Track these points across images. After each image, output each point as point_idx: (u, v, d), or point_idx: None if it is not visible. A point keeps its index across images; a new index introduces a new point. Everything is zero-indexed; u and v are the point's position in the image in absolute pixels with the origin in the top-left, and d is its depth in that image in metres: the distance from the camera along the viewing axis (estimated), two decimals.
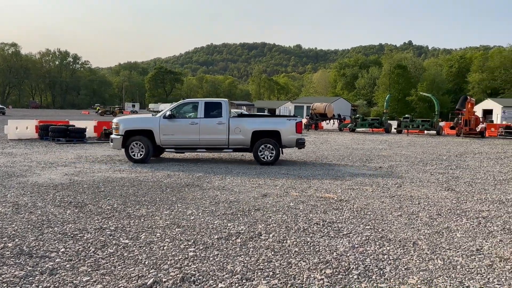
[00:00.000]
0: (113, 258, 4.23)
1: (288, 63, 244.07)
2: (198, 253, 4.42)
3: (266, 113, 47.73)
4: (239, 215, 5.99)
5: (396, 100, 73.51)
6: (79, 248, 4.51)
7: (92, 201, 6.69)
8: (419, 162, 13.02)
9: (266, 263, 4.18)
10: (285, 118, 12.25)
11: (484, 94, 73.55)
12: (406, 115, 34.01)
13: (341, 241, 4.91)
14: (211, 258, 4.29)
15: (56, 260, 4.15)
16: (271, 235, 5.09)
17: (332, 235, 5.17)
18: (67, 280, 3.70)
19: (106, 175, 9.29)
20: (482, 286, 3.74)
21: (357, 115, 35.47)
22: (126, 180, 8.69)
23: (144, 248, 4.55)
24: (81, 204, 6.51)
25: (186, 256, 4.33)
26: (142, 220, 5.63)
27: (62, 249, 4.45)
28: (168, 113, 11.49)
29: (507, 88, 74.92)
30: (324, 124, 36.63)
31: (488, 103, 57.78)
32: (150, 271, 3.92)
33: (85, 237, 4.86)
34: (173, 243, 4.73)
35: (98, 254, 4.33)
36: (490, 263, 4.32)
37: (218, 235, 5.07)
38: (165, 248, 4.57)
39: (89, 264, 4.08)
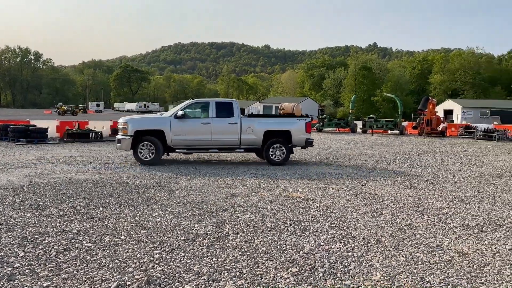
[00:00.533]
0: (75, 262, 4.11)
1: (256, 63, 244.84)
2: (164, 255, 4.36)
3: None
4: (206, 216, 5.96)
5: (362, 101, 75.23)
6: (40, 252, 4.35)
7: (54, 204, 6.46)
8: (383, 161, 13.37)
9: (233, 264, 4.17)
10: (296, 118, 12.37)
11: (445, 95, 76.46)
12: (371, 115, 34.86)
13: (307, 240, 4.98)
14: (177, 260, 4.24)
15: (15, 265, 3.98)
16: (238, 235, 5.08)
17: (298, 233, 5.23)
18: (26, 286, 3.56)
19: (68, 176, 9.00)
20: (442, 281, 3.88)
21: (324, 115, 36.01)
22: (90, 181, 8.46)
23: (108, 251, 4.44)
24: (42, 206, 6.28)
25: (152, 258, 4.26)
26: (106, 223, 5.50)
27: (22, 254, 4.28)
28: (180, 113, 11.20)
29: (466, 89, 78.25)
30: None
31: (448, 104, 60.08)
32: (114, 275, 3.83)
33: (46, 241, 4.69)
34: (138, 245, 4.64)
35: (59, 258, 4.19)
36: (450, 258, 4.49)
37: (185, 236, 5.02)
38: (130, 251, 4.47)
39: (50, 268, 3.94)
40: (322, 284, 3.74)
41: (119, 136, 11.22)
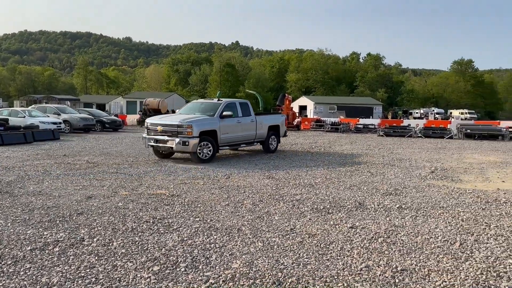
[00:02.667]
0: None
1: (117, 56, 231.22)
2: (5, 269, 3.84)
3: (94, 108, 44.48)
4: (58, 222, 5.43)
5: (227, 97, 77.30)
6: None
7: None
8: (246, 154, 14.00)
9: (88, 270, 3.89)
10: (280, 115, 16.20)
11: (300, 92, 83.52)
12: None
13: (170, 236, 4.92)
14: (21, 273, 3.78)
15: None
16: (95, 239, 4.76)
17: (162, 231, 5.14)
18: None
19: None
20: (294, 262, 4.24)
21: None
22: None
23: None
24: None
25: None
26: None
27: None
28: (224, 113, 12.14)
29: (318, 87, 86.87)
30: None
31: (303, 100, 65.88)
32: None
33: None
34: None
35: None
36: (301, 240, 4.93)
37: (32, 246, 4.50)
38: None
39: None
40: (184, 278, 3.75)
41: (184, 138, 11.06)
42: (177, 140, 11.06)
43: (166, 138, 11.30)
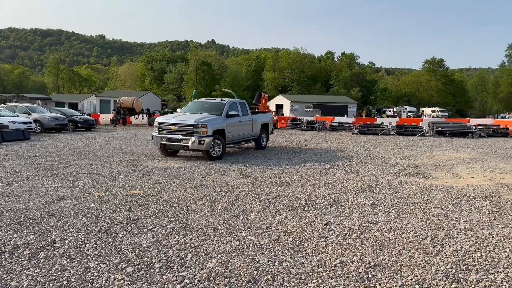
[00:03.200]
0: None
1: (90, 54, 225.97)
2: None
3: (66, 107, 43.48)
4: (28, 224, 5.28)
5: (203, 95, 76.94)
6: None
7: None
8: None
9: (60, 272, 3.80)
10: (268, 113, 17.30)
11: (276, 91, 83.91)
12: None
13: (145, 237, 4.86)
14: None
15: None
16: (67, 241, 4.65)
17: (136, 232, 5.06)
18: None
19: None
20: (270, 259, 4.26)
21: (167, 110, 35.67)
22: None
23: None
24: None
25: None
26: None
27: None
28: (230, 112, 12.88)
29: (294, 86, 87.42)
30: (132, 119, 35.56)
31: (279, 99, 66.18)
32: None
33: None
34: None
35: None
36: (277, 237, 4.96)
37: (0, 249, 4.35)
38: None
39: None
40: (158, 279, 3.71)
41: (199, 137, 11.58)
42: (193, 139, 11.60)
43: (180, 137, 11.77)
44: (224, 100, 13.63)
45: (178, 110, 35.41)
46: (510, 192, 7.79)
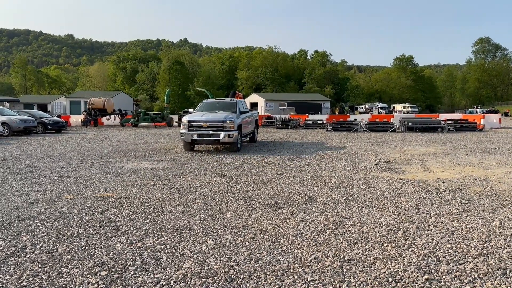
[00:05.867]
0: None
1: (59, 54, 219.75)
2: None
3: (35, 109, 42.26)
4: None
5: (177, 95, 76.27)
6: None
7: None
8: (197, 153, 13.87)
9: (31, 278, 3.70)
10: (256, 111, 19.30)
11: (250, 89, 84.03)
12: (186, 109, 35.73)
13: (119, 240, 4.79)
14: None
15: None
16: (38, 246, 4.53)
17: (109, 235, 4.98)
18: None
19: None
20: (246, 258, 4.27)
21: (140, 110, 35.14)
22: None
23: None
24: None
25: None
26: None
27: None
28: (242, 110, 15.02)
29: (268, 84, 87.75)
30: (104, 120, 34.90)
31: (254, 97, 66.31)
32: None
33: None
34: None
35: None
36: (253, 236, 4.98)
37: None
38: None
39: None
40: (133, 282, 3.66)
41: (228, 131, 13.34)
42: (224, 133, 13.38)
43: (211, 132, 13.50)
44: (234, 100, 15.71)
45: (190, 110, 35.89)
46: (479, 185, 8.07)
